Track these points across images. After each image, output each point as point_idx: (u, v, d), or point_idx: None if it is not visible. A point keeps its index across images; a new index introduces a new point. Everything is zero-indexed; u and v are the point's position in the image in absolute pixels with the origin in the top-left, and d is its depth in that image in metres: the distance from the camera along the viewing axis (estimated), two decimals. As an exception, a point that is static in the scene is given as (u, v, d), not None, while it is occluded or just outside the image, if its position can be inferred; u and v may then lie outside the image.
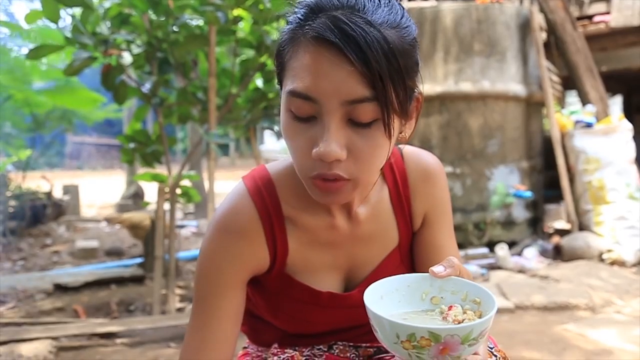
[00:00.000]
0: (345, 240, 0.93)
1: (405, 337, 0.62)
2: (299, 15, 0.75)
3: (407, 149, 0.99)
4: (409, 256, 1.00)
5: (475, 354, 0.67)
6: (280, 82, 0.80)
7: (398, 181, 0.97)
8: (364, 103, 0.70)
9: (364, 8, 0.71)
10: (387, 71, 0.69)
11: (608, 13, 5.93)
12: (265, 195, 0.90)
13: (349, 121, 0.72)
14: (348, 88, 0.69)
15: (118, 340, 2.77)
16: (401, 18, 0.74)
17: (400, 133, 0.81)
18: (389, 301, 0.73)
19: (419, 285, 0.75)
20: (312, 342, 0.99)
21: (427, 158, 1.00)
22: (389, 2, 0.74)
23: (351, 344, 1.00)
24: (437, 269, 0.72)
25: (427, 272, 0.82)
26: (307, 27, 0.72)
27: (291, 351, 0.96)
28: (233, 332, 0.88)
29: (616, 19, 5.86)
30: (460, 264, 0.74)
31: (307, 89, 0.71)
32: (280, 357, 0.95)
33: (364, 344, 1.01)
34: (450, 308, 0.70)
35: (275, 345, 0.99)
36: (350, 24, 0.68)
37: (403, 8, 0.77)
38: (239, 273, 0.88)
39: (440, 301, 0.74)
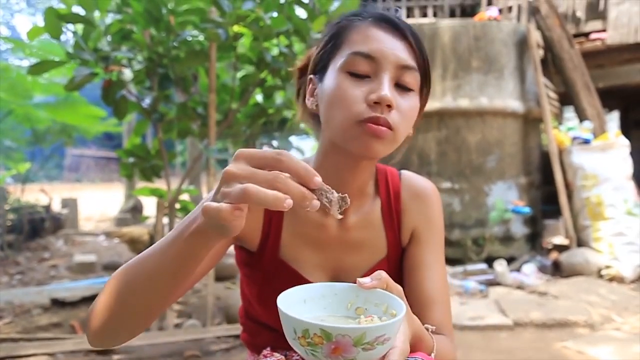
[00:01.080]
0: (333, 242, 0.97)
1: (300, 333, 0.62)
2: (351, 14, 0.93)
3: (406, 172, 1.07)
4: (399, 270, 1.03)
5: None
6: (325, 66, 0.92)
7: (391, 196, 1.02)
8: (411, 71, 0.88)
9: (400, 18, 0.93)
10: (425, 54, 0.92)
11: (604, 31, 5.99)
12: None
13: (396, 85, 0.87)
14: (402, 55, 0.87)
15: (115, 357, 2.76)
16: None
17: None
18: (312, 305, 0.73)
19: (346, 295, 0.75)
20: None
21: (422, 181, 1.07)
22: None
23: None
24: (364, 280, 0.73)
25: (412, 289, 0.93)
26: (364, 16, 0.90)
27: (279, 355, 0.99)
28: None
29: (612, 36, 5.91)
30: (388, 279, 0.74)
31: (371, 49, 0.86)
32: (268, 359, 0.98)
33: None
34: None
35: (268, 349, 1.02)
36: (397, 18, 0.90)
37: None
38: None
39: (364, 312, 0.73)
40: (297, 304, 0.71)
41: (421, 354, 0.81)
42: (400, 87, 0.87)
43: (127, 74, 2.99)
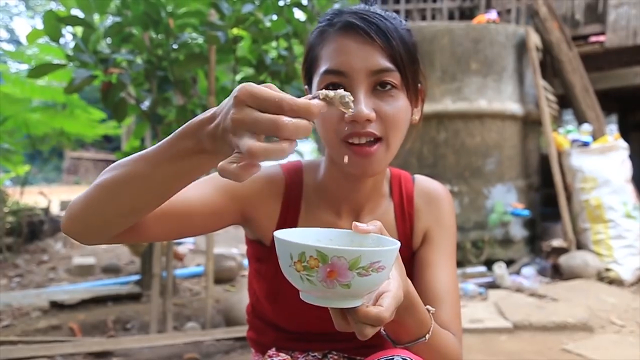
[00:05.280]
0: None
1: (297, 257, 0.61)
2: (326, 18, 0.92)
3: (419, 177, 1.09)
4: (409, 273, 1.03)
5: (379, 304, 0.66)
6: (310, 77, 0.94)
7: (404, 200, 1.04)
8: (387, 72, 0.86)
9: (376, 11, 0.90)
10: (402, 48, 0.87)
11: (603, 33, 6.00)
12: (293, 174, 1.02)
13: (374, 90, 0.86)
14: (372, 61, 0.85)
15: (114, 359, 2.75)
16: (403, 23, 0.92)
17: (412, 116, 0.94)
18: None
19: (341, 240, 0.75)
20: (307, 348, 1.02)
21: (435, 184, 1.08)
22: (392, 13, 0.93)
23: (345, 355, 1.03)
24: (360, 224, 0.74)
25: (420, 288, 0.94)
26: (334, 22, 0.89)
27: (284, 355, 1.00)
28: (190, 201, 0.89)
29: (611, 39, 5.93)
30: (382, 227, 0.74)
31: (339, 65, 0.86)
32: (273, 359, 1.00)
33: (358, 357, 1.04)
34: None
35: (273, 349, 1.03)
36: (369, 15, 0.87)
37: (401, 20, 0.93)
38: (239, 197, 0.95)
39: None
40: None
41: (407, 353, 0.81)
42: (381, 89, 0.87)
43: (126, 76, 2.98)
